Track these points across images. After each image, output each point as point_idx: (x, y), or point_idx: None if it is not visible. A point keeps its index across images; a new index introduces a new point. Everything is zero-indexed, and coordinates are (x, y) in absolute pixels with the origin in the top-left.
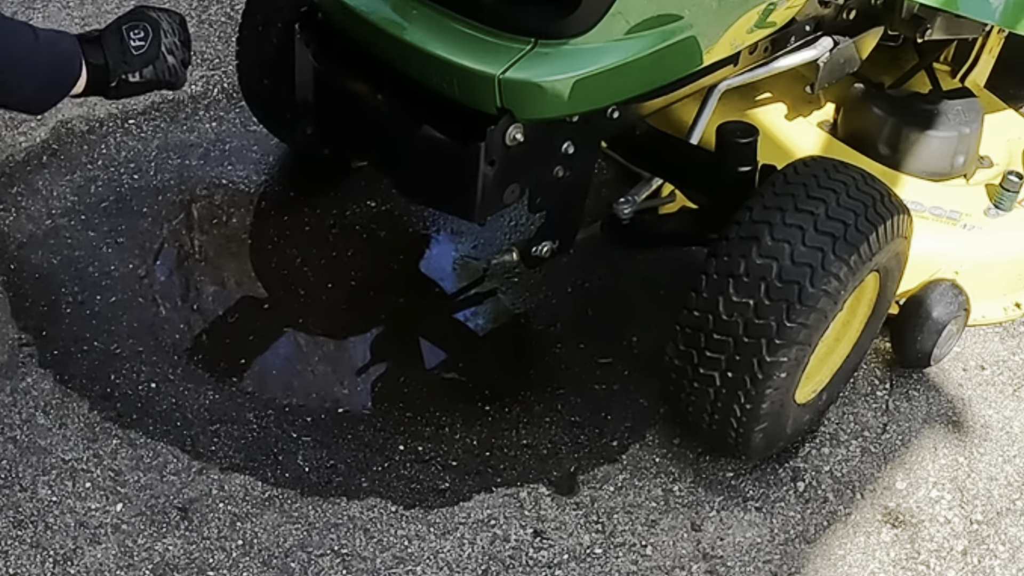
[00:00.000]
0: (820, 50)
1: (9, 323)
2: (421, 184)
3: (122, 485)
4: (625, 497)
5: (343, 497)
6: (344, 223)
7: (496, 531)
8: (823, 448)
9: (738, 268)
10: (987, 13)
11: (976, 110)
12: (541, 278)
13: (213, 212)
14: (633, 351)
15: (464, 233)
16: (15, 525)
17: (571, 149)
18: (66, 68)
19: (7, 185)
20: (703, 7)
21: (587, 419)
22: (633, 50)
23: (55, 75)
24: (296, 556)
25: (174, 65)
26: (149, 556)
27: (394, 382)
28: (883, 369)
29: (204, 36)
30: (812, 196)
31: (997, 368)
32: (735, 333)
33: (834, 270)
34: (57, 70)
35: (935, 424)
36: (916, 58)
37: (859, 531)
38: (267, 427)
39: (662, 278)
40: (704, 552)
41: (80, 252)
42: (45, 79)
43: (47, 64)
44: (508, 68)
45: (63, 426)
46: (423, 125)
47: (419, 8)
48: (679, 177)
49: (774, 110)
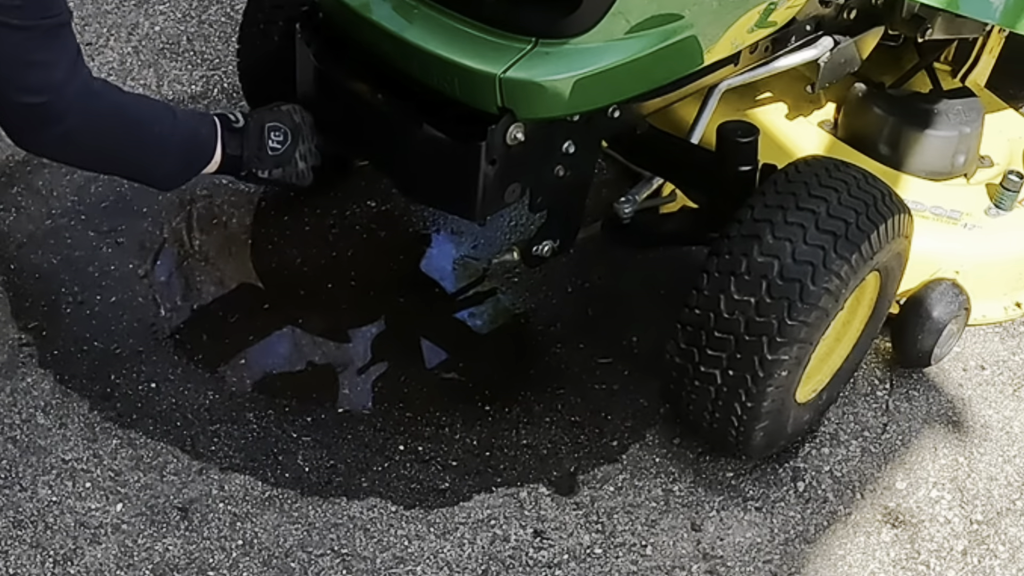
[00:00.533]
0: (821, 50)
1: (9, 323)
2: (422, 184)
3: (122, 485)
4: (625, 497)
5: (343, 497)
6: (344, 223)
7: (496, 531)
8: (823, 448)
9: (740, 266)
10: (987, 13)
11: (977, 110)
12: (541, 278)
13: (213, 212)
14: (633, 351)
15: (464, 233)
16: (15, 525)
17: (572, 148)
18: (200, 155)
19: (7, 185)
20: (704, 7)
21: (587, 419)
22: (634, 50)
23: (190, 160)
24: (296, 556)
25: (304, 170)
26: (149, 556)
27: (394, 382)
28: (883, 369)
29: (204, 36)
30: (813, 195)
31: (997, 368)
32: (736, 331)
33: (835, 268)
34: (192, 156)
35: (935, 424)
36: (917, 58)
37: (859, 531)
38: (267, 427)
39: (662, 278)
40: (704, 552)
41: (80, 252)
42: (180, 163)
43: (183, 151)
44: (509, 67)
45: (63, 426)
46: (424, 124)
47: (420, 8)
48: (680, 176)
49: (775, 110)
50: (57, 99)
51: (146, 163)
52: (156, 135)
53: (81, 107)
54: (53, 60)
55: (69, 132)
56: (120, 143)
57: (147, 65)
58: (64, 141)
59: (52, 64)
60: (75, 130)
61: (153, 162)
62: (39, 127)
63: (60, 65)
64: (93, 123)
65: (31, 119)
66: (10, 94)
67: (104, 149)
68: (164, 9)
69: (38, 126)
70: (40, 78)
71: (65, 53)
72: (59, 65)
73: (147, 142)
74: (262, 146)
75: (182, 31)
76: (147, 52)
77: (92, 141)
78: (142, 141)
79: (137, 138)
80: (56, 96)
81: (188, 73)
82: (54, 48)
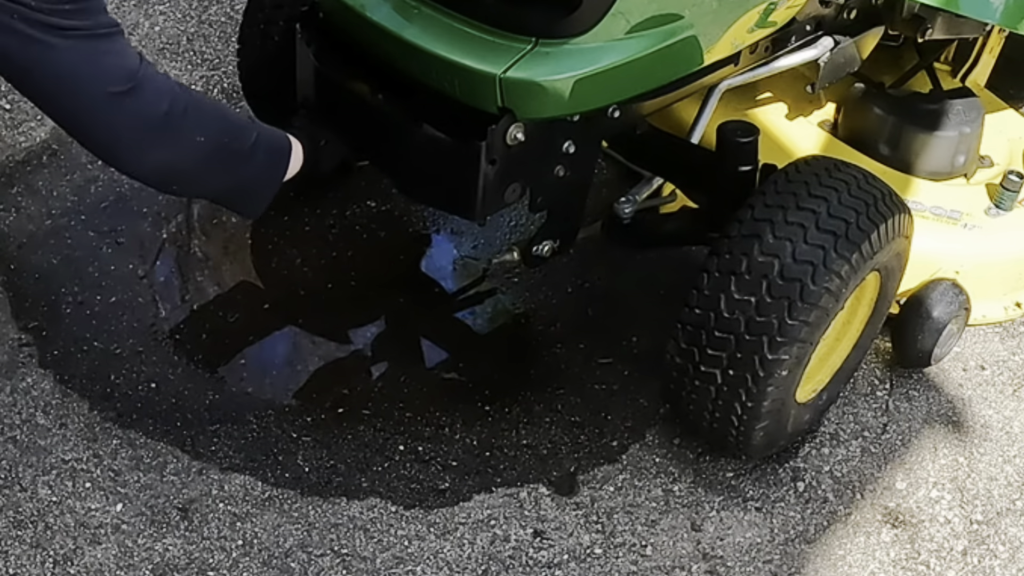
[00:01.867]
0: (821, 50)
1: (9, 323)
2: (422, 184)
3: (122, 485)
4: (625, 497)
5: (343, 497)
6: (344, 223)
7: (496, 531)
8: (823, 448)
9: (740, 266)
10: (988, 13)
11: (977, 110)
12: (541, 278)
13: (213, 212)
14: (633, 351)
15: (464, 233)
16: (15, 525)
17: (572, 148)
18: (282, 162)
19: (7, 185)
20: (704, 7)
21: (587, 419)
22: (634, 50)
23: (274, 163)
24: (296, 556)
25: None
26: (149, 556)
27: (394, 382)
28: (883, 369)
29: (204, 36)
30: (813, 195)
31: (997, 368)
32: (737, 331)
33: (836, 268)
34: (274, 159)
35: (935, 424)
36: (917, 58)
37: (859, 531)
38: (267, 427)
39: (662, 278)
40: (704, 552)
41: (80, 252)
42: (264, 164)
43: (265, 152)
44: (509, 67)
45: (63, 426)
46: (424, 124)
47: (420, 7)
48: (680, 176)
49: (775, 110)
50: (143, 79)
51: (224, 174)
52: (239, 127)
53: (162, 85)
54: (120, 50)
55: (166, 134)
56: (212, 123)
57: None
58: (165, 127)
59: (122, 53)
60: (170, 131)
61: (244, 155)
62: (137, 119)
63: (128, 54)
64: (185, 121)
65: (127, 113)
66: (97, 95)
67: (201, 130)
68: (164, 9)
69: (136, 118)
70: (117, 65)
71: (128, 47)
72: (127, 54)
73: (233, 129)
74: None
75: (182, 31)
76: (147, 52)
77: (188, 124)
78: (229, 126)
79: (223, 121)
80: (139, 78)
81: (188, 73)
82: (118, 42)
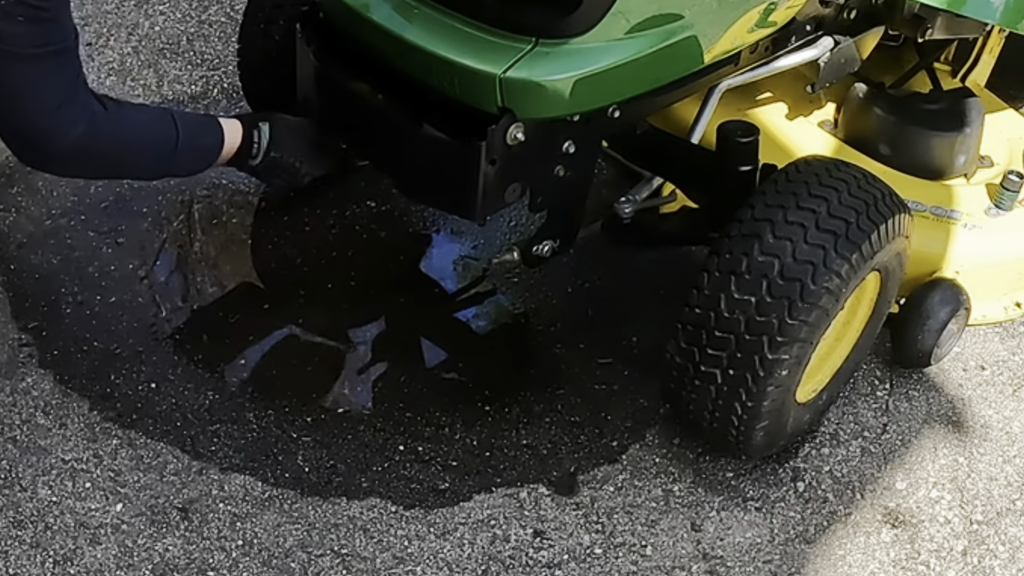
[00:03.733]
0: (821, 50)
1: (9, 323)
2: (422, 183)
3: (122, 485)
4: (625, 497)
5: (343, 497)
6: (344, 223)
7: (496, 531)
8: (823, 448)
9: (740, 265)
10: (988, 13)
11: (977, 110)
12: (541, 278)
13: (213, 212)
14: (633, 351)
15: (464, 233)
16: (15, 525)
17: (572, 148)
18: (201, 162)
19: (7, 185)
20: (704, 7)
21: (587, 419)
22: (634, 50)
23: (192, 169)
24: (296, 556)
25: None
26: (149, 556)
27: (394, 382)
28: (883, 369)
29: (204, 36)
30: (814, 194)
31: (997, 368)
32: (737, 330)
33: (836, 267)
34: (194, 165)
35: (935, 424)
36: (917, 58)
37: (859, 531)
38: (267, 427)
39: (662, 278)
40: (704, 552)
41: (80, 252)
42: (183, 171)
43: (186, 164)
44: (509, 67)
45: (63, 426)
46: (424, 124)
47: (420, 7)
48: (680, 176)
49: (775, 110)
50: (57, 122)
51: (145, 175)
52: (154, 157)
53: (81, 130)
54: (53, 84)
55: (72, 153)
56: (118, 163)
57: (147, 65)
58: (66, 161)
59: (52, 87)
60: (77, 152)
61: (152, 174)
62: (41, 148)
63: (60, 89)
64: (94, 144)
65: (33, 141)
66: (14, 119)
67: (105, 168)
68: (164, 9)
69: (40, 147)
70: (40, 103)
71: (63, 77)
72: (58, 89)
73: (144, 163)
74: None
75: (182, 31)
76: (147, 52)
77: (94, 161)
78: (141, 159)
79: (137, 156)
80: (56, 120)
81: (188, 73)
82: (53, 73)
